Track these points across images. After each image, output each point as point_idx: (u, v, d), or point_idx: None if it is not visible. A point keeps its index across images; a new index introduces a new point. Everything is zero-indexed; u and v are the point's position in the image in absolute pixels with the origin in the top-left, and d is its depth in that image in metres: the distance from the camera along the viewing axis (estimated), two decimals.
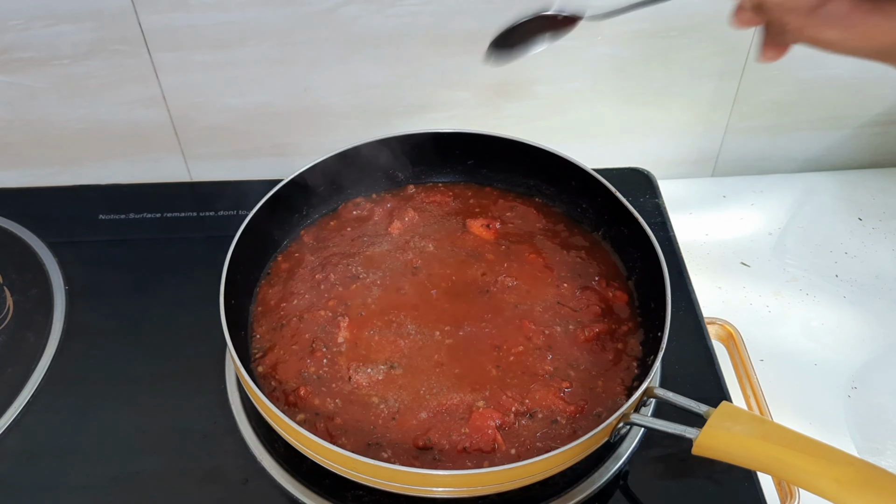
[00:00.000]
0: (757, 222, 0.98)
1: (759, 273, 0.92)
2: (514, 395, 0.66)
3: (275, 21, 0.86)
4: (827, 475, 0.52)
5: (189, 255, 0.87)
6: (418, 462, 0.62)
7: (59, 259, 0.85)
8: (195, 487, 0.67)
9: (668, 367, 0.74)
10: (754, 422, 0.57)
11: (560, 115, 0.98)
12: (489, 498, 0.64)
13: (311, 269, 0.78)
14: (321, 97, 0.94)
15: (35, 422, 0.71)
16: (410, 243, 0.80)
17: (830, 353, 0.83)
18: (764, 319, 0.86)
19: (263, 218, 0.76)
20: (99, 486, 0.67)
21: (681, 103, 0.98)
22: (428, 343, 0.70)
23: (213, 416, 0.71)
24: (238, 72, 0.90)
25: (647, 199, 0.92)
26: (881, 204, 1.00)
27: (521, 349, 0.70)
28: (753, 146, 1.04)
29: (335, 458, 0.59)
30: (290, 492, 0.66)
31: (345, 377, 0.68)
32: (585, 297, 0.74)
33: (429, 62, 0.91)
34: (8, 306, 0.81)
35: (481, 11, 0.87)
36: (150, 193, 0.94)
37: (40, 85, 0.90)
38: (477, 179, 0.88)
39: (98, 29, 0.85)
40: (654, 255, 0.71)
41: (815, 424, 0.76)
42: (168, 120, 0.95)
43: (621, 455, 0.68)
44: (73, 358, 0.76)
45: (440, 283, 0.75)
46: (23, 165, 0.99)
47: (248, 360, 0.71)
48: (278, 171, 0.82)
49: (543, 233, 0.82)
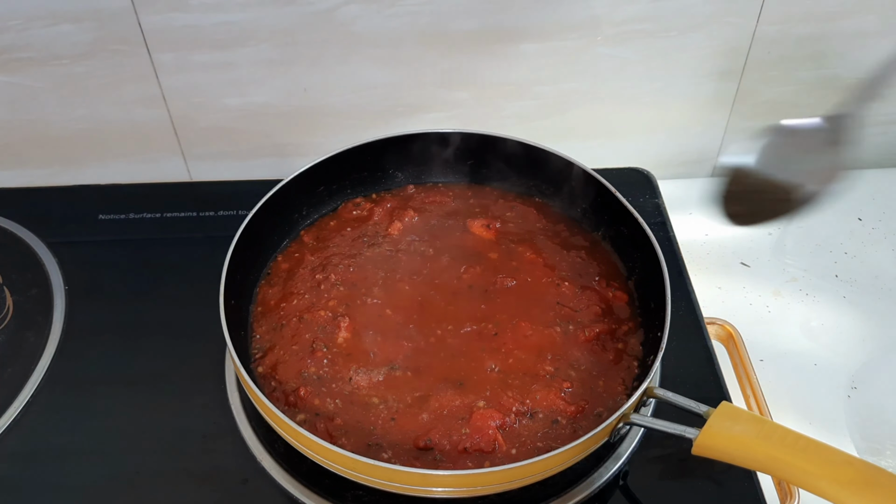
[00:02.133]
0: None
1: (759, 273, 0.92)
2: (515, 395, 0.66)
3: (275, 21, 0.86)
4: (827, 475, 0.52)
5: (189, 255, 0.87)
6: (419, 462, 0.62)
7: (59, 259, 0.85)
8: (195, 487, 0.67)
9: (668, 367, 0.74)
10: (754, 422, 0.57)
11: (560, 115, 0.98)
12: (489, 498, 0.64)
13: (311, 269, 0.77)
14: (321, 97, 0.94)
15: (35, 422, 0.71)
16: (410, 243, 0.80)
17: (830, 353, 0.83)
18: (764, 319, 0.86)
19: (263, 218, 0.76)
20: (99, 486, 0.67)
21: (681, 103, 0.98)
22: (428, 343, 0.70)
23: (213, 416, 0.71)
24: (238, 72, 0.90)
25: (647, 199, 0.92)
26: (881, 204, 1.00)
27: (522, 349, 0.70)
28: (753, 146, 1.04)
29: (335, 458, 0.59)
30: (290, 492, 0.66)
31: (345, 378, 0.68)
32: (585, 297, 0.74)
33: (429, 62, 0.91)
34: (8, 306, 0.81)
35: (481, 11, 0.87)
36: (149, 193, 0.94)
37: (40, 85, 0.90)
38: (477, 179, 0.88)
39: (98, 29, 0.85)
40: (654, 255, 0.71)
41: (815, 424, 0.76)
42: (168, 120, 0.95)
43: (621, 455, 0.68)
44: (73, 358, 0.76)
45: (440, 284, 0.75)
46: (23, 165, 0.99)
47: (248, 361, 0.71)
48: (278, 171, 0.82)
49: (543, 233, 0.82)
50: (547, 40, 0.90)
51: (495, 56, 0.91)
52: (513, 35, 0.89)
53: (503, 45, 0.90)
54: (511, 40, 0.90)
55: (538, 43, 0.90)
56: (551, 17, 0.88)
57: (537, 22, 0.88)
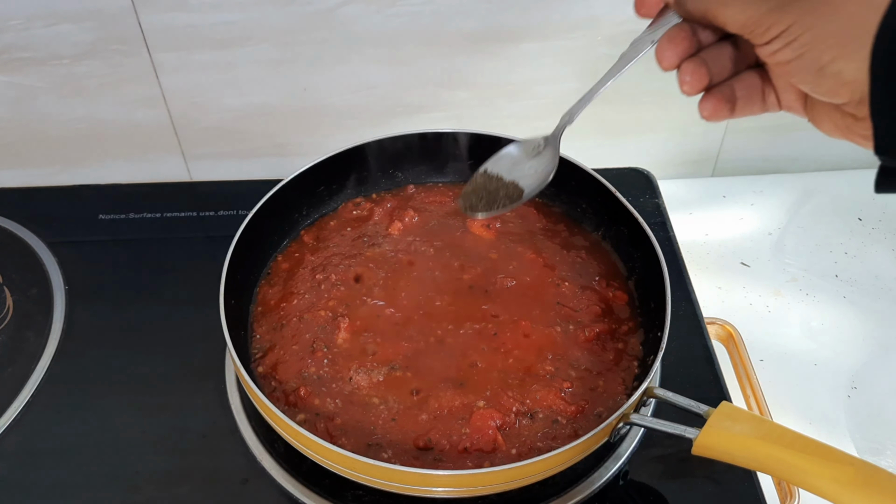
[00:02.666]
0: (757, 222, 0.98)
1: (759, 273, 0.92)
2: (515, 395, 0.66)
3: (275, 21, 0.86)
4: (827, 475, 0.52)
5: (189, 255, 0.87)
6: (419, 462, 0.62)
7: (59, 259, 0.85)
8: (195, 487, 0.67)
9: (668, 367, 0.74)
10: (754, 422, 0.57)
11: (560, 115, 0.98)
12: (489, 498, 0.64)
13: (311, 269, 0.77)
14: (321, 97, 0.94)
15: (35, 422, 0.71)
16: (410, 243, 0.80)
17: (830, 353, 0.83)
18: (764, 319, 0.87)
19: (263, 218, 0.76)
20: (99, 486, 0.67)
21: (681, 103, 0.97)
22: (428, 343, 0.70)
23: (213, 416, 0.71)
24: (238, 72, 0.90)
25: (647, 199, 0.92)
26: (881, 204, 1.00)
27: (522, 349, 0.70)
28: (753, 146, 1.04)
29: (335, 458, 0.59)
30: (290, 492, 0.66)
31: (345, 378, 0.68)
32: (586, 297, 0.74)
33: (429, 62, 0.91)
34: (8, 306, 0.81)
35: (481, 11, 0.87)
36: (149, 193, 0.94)
37: (40, 85, 0.90)
38: None
39: (98, 29, 0.85)
40: (654, 255, 0.71)
41: (815, 424, 0.76)
42: (168, 120, 0.95)
43: (621, 455, 0.68)
44: (73, 358, 0.76)
45: (440, 284, 0.75)
46: (23, 165, 0.99)
47: (248, 360, 0.71)
48: (278, 171, 0.82)
49: (543, 233, 0.82)
50: (547, 40, 0.90)
51: (495, 56, 0.91)
52: (513, 35, 0.90)
53: (503, 45, 0.90)
54: (511, 40, 0.90)
55: (538, 43, 0.90)
56: (551, 17, 0.88)
57: (537, 22, 0.88)
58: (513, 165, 0.65)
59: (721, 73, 0.53)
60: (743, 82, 0.53)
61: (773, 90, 0.52)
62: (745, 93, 0.53)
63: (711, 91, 0.53)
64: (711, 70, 0.52)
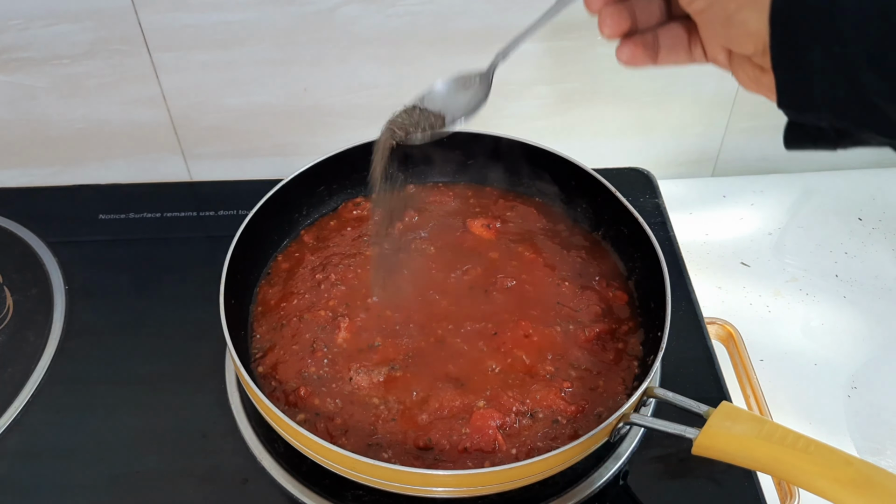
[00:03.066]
0: (757, 222, 0.98)
1: (759, 273, 0.92)
2: (515, 395, 0.66)
3: (275, 21, 0.86)
4: (827, 475, 0.52)
5: (189, 255, 0.87)
6: (419, 462, 0.62)
7: (59, 259, 0.85)
8: (195, 487, 0.67)
9: (668, 367, 0.74)
10: (754, 422, 0.57)
11: (560, 115, 0.98)
12: (489, 498, 0.64)
13: (311, 269, 0.77)
14: (321, 97, 0.94)
15: (35, 422, 0.71)
16: (411, 243, 0.80)
17: (830, 353, 0.83)
18: (764, 319, 0.87)
19: (263, 218, 0.76)
20: (99, 486, 0.67)
21: (681, 103, 0.98)
22: (428, 343, 0.70)
23: (213, 416, 0.71)
24: (238, 72, 0.90)
25: (647, 199, 0.92)
26: (881, 204, 1.00)
27: (522, 349, 0.70)
28: (753, 146, 1.04)
29: (335, 458, 0.59)
30: (290, 492, 0.66)
31: (345, 377, 0.68)
32: (586, 297, 0.74)
33: (429, 62, 0.91)
34: (8, 306, 0.81)
35: (481, 11, 0.87)
36: (149, 193, 0.94)
37: (40, 85, 0.90)
38: (477, 179, 0.88)
39: (98, 29, 0.85)
40: (654, 255, 0.71)
41: (815, 424, 0.76)
42: (168, 120, 0.95)
43: (621, 455, 0.68)
44: (73, 358, 0.76)
45: (440, 283, 0.75)
46: (23, 165, 0.99)
47: (248, 360, 0.71)
48: (278, 171, 0.82)
49: (543, 233, 0.82)
50: (547, 40, 0.90)
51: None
52: (513, 35, 0.89)
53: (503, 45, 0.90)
54: None
55: (538, 43, 0.90)
56: (551, 17, 0.88)
57: None
58: (442, 100, 0.66)
59: (648, 20, 0.53)
60: (669, 31, 0.53)
61: (700, 42, 0.52)
62: (670, 41, 0.53)
63: (632, 37, 0.53)
64: (639, 17, 0.52)
